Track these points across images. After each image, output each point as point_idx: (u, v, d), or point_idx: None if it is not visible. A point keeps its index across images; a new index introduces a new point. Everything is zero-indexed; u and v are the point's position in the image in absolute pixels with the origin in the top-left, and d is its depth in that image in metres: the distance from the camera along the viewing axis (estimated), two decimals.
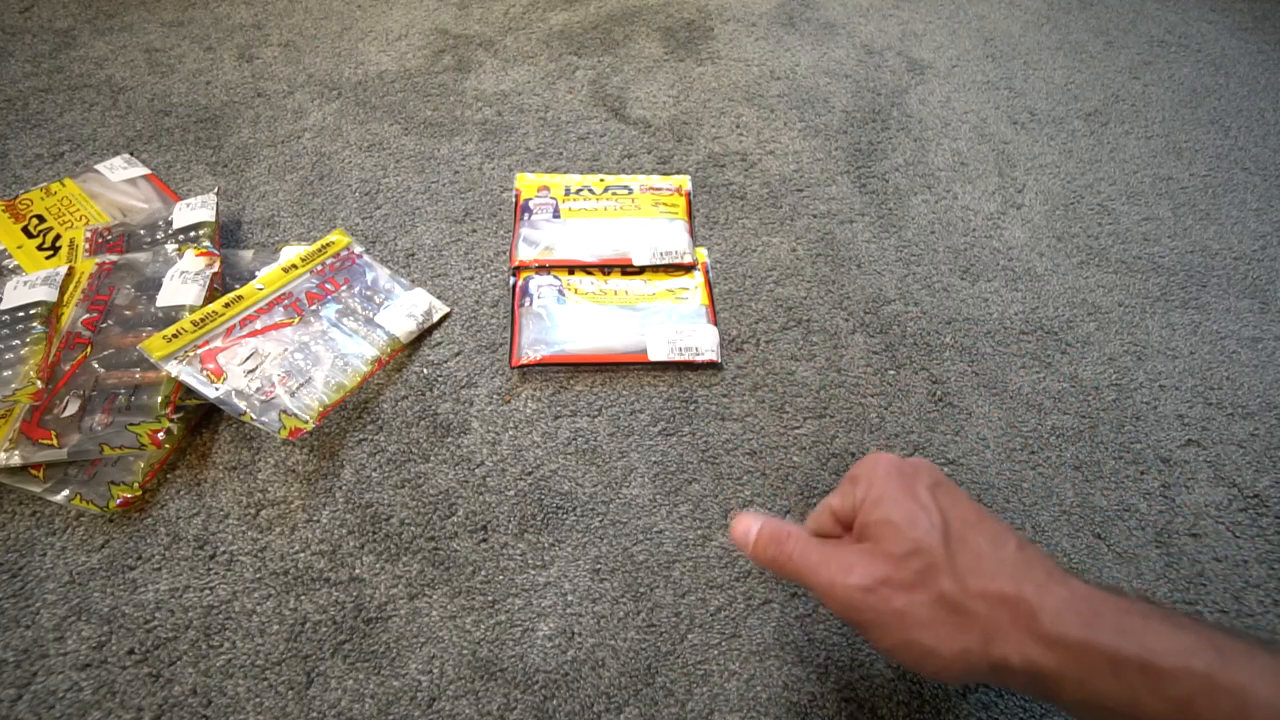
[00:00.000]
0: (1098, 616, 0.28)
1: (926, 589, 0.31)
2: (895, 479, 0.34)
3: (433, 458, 0.51)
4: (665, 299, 0.59)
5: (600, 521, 0.49)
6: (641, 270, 0.61)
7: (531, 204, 0.64)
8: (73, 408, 0.48)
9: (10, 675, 0.41)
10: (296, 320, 0.54)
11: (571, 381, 0.55)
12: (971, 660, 0.30)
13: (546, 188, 0.66)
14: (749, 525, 0.37)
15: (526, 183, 0.67)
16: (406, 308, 0.57)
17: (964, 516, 0.33)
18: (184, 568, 0.45)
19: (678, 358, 0.55)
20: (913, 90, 0.82)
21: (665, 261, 0.60)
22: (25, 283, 0.53)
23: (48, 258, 0.57)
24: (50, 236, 0.58)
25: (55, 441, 0.46)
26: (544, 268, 0.60)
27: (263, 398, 0.49)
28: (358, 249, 0.60)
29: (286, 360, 0.51)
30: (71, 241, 0.58)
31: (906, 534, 0.32)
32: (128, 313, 0.53)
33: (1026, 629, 0.29)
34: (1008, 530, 0.33)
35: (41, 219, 0.59)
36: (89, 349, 0.50)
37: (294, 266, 0.56)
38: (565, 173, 0.69)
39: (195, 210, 0.59)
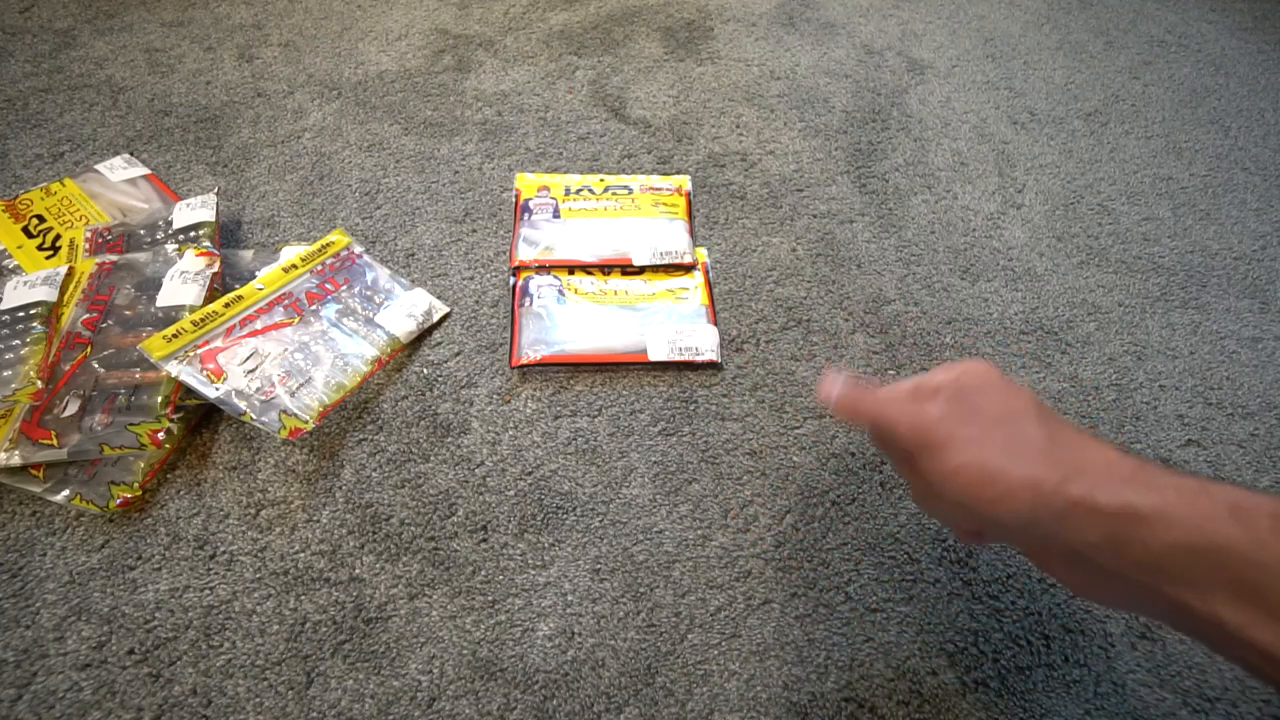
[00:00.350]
0: (1209, 483, 0.27)
1: (1009, 426, 0.30)
2: (996, 375, 0.33)
3: (433, 458, 0.51)
4: (665, 299, 0.59)
5: (600, 521, 0.49)
6: (641, 270, 0.61)
7: (531, 204, 0.64)
8: (73, 408, 0.48)
9: (10, 675, 0.41)
10: (296, 320, 0.54)
11: (571, 381, 0.55)
12: (1040, 492, 0.28)
13: (546, 188, 0.66)
14: (833, 385, 0.36)
15: (526, 183, 0.67)
16: (406, 308, 0.57)
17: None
18: (184, 568, 0.45)
19: (678, 358, 0.55)
20: (913, 90, 0.82)
21: (665, 261, 0.60)
22: (25, 283, 0.53)
23: (48, 258, 0.57)
24: (50, 236, 0.58)
25: (55, 441, 0.46)
26: (544, 268, 0.60)
27: (263, 398, 0.49)
28: (358, 249, 0.60)
29: (286, 360, 0.51)
30: (71, 241, 0.58)
31: (1004, 396, 0.31)
32: (128, 313, 0.53)
33: (1125, 478, 0.28)
34: None
35: (41, 219, 0.59)
36: (89, 349, 0.50)
37: (294, 266, 0.56)
38: (565, 173, 0.69)
39: (195, 210, 0.59)
